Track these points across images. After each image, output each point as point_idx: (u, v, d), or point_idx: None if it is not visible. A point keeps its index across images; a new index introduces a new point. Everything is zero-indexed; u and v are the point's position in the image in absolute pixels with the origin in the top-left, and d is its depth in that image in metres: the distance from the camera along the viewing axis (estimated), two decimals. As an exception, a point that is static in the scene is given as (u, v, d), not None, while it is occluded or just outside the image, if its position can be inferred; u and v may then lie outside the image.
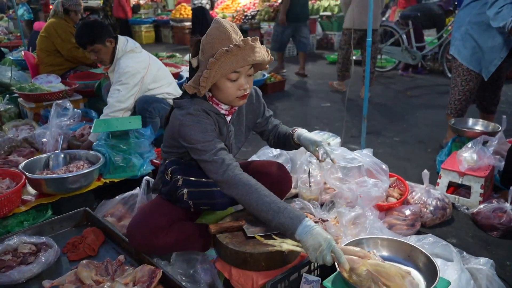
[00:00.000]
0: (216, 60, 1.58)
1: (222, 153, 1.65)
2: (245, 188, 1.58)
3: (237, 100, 1.73)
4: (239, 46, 1.56)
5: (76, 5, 4.33)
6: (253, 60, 1.61)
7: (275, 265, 1.71)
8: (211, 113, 1.76)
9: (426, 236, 1.89)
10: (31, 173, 2.47)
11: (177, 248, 1.86)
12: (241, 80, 1.67)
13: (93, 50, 3.02)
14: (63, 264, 1.82)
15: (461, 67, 3.12)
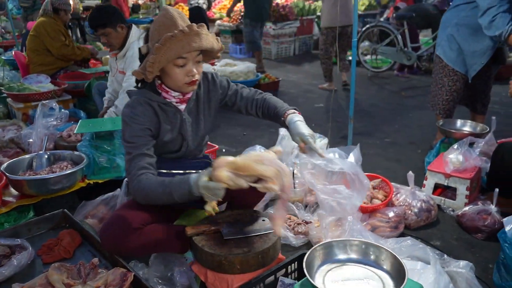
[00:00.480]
0: (161, 45, 1.59)
1: (136, 159, 1.68)
2: (144, 193, 1.65)
3: (186, 86, 1.74)
4: (184, 32, 1.59)
5: (65, 5, 4.31)
6: (198, 46, 1.62)
7: (251, 268, 1.69)
8: (154, 104, 1.77)
9: (405, 239, 1.88)
10: (14, 174, 2.46)
11: (153, 250, 1.84)
12: (189, 66, 1.68)
13: (104, 33, 3.07)
14: (37, 267, 1.80)
15: (447, 68, 3.11)
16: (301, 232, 2.27)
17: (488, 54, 2.92)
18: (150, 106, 1.76)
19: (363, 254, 1.47)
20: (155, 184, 1.63)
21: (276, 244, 1.77)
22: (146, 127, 1.73)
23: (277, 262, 1.78)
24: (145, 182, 1.64)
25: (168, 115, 1.81)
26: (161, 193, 1.61)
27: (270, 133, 4.13)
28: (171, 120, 1.82)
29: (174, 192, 1.59)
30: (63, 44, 4.26)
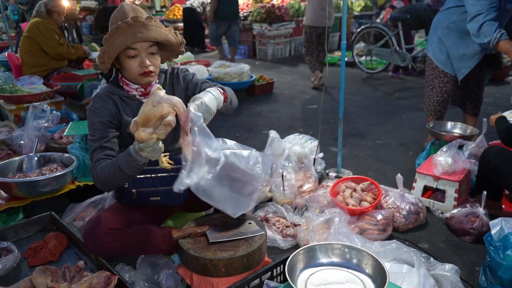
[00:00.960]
0: (109, 36, 1.63)
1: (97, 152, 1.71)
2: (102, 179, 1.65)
3: (141, 78, 1.75)
4: (128, 23, 1.62)
5: (58, 7, 4.30)
6: (145, 37, 1.64)
7: (236, 271, 1.70)
8: (115, 97, 1.80)
9: (390, 242, 1.88)
10: (4, 176, 2.46)
11: (139, 251, 1.85)
12: (142, 58, 1.69)
13: None
14: (23, 270, 1.80)
15: (438, 69, 3.12)
16: (289, 234, 2.27)
17: (476, 58, 2.94)
18: (111, 99, 1.79)
19: (346, 258, 1.48)
20: (106, 167, 1.64)
21: (261, 247, 1.77)
22: (106, 119, 1.75)
23: (263, 265, 1.78)
24: (99, 169, 1.65)
25: (131, 108, 1.82)
26: (114, 173, 1.61)
27: (262, 135, 4.13)
28: (135, 114, 1.77)
29: (123, 166, 1.58)
30: (57, 43, 4.24)
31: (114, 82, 1.85)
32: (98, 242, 1.71)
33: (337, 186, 2.58)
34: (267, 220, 2.39)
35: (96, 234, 1.70)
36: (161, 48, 1.80)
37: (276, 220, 2.38)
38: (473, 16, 2.72)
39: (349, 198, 2.45)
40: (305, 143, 3.13)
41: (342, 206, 2.35)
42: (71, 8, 8.66)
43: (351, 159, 3.48)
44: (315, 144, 3.12)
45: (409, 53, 6.27)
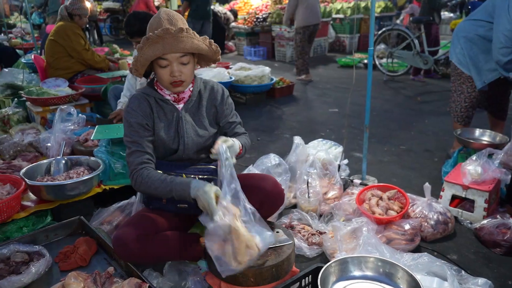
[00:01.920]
0: (142, 45, 1.69)
1: (135, 155, 1.78)
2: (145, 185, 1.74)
3: (171, 87, 1.80)
4: (158, 35, 1.66)
5: (79, 9, 4.32)
6: (175, 49, 1.68)
7: (265, 281, 1.69)
8: (151, 98, 1.86)
9: (422, 255, 1.84)
10: (32, 179, 2.50)
11: (166, 257, 1.86)
12: (172, 67, 1.74)
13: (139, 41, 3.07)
14: (54, 274, 1.83)
15: (464, 75, 3.06)
16: (315, 242, 2.25)
17: (497, 73, 2.90)
18: (146, 100, 1.85)
19: (379, 272, 1.46)
20: (156, 180, 1.72)
21: (290, 257, 1.76)
22: (142, 121, 1.81)
23: (291, 275, 1.78)
24: (145, 177, 1.73)
25: (165, 111, 1.88)
26: (161, 189, 1.70)
27: (284, 139, 4.12)
28: (167, 117, 1.89)
29: (175, 190, 1.69)
30: (83, 48, 4.31)
31: (151, 84, 1.90)
32: (127, 248, 1.72)
33: (362, 194, 2.55)
34: (292, 228, 2.37)
35: (125, 240, 1.72)
36: (197, 56, 1.84)
37: (301, 228, 2.37)
38: (500, 47, 2.73)
39: (375, 207, 2.42)
40: (329, 149, 3.10)
41: (368, 214, 2.32)
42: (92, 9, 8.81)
43: (374, 165, 3.43)
44: (339, 150, 3.09)
45: (432, 56, 6.17)
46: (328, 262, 1.62)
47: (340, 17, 9.26)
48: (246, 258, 1.57)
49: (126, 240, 1.71)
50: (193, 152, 1.95)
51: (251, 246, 1.58)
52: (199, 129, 1.93)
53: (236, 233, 1.55)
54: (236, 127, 2.04)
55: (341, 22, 9.34)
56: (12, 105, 4.05)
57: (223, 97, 2.00)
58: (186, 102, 1.91)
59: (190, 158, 1.96)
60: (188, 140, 1.90)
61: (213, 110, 1.99)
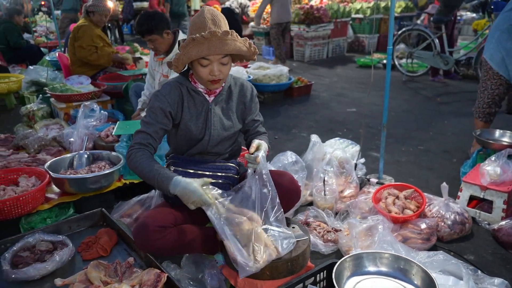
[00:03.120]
0: (185, 45, 1.73)
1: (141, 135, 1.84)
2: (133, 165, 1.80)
3: (209, 84, 1.86)
4: (205, 37, 1.70)
5: (97, 7, 4.40)
6: (220, 51, 1.73)
7: (280, 275, 1.72)
8: (184, 88, 1.92)
9: (437, 253, 1.84)
10: (56, 172, 2.58)
11: (184, 250, 1.90)
12: (212, 67, 1.79)
13: (150, 39, 3.18)
14: (77, 263, 1.90)
15: (492, 71, 3.04)
16: (330, 239, 2.27)
17: None
18: (178, 89, 1.91)
19: (393, 268, 1.47)
20: (145, 164, 1.77)
21: (305, 252, 1.79)
22: (166, 108, 1.86)
23: (306, 270, 1.80)
24: (139, 157, 1.79)
25: (195, 102, 1.94)
26: (147, 173, 1.75)
27: (301, 137, 4.14)
28: (197, 107, 1.94)
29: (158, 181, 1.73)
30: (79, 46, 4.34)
31: (185, 74, 1.97)
32: (146, 239, 1.77)
33: (379, 193, 2.55)
34: (308, 224, 2.39)
35: (145, 232, 1.77)
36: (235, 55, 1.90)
37: (317, 225, 2.39)
38: None
39: (391, 206, 2.42)
40: (346, 147, 3.11)
41: (384, 213, 2.33)
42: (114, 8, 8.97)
43: (391, 164, 3.42)
44: (356, 149, 3.09)
45: (452, 57, 6.08)
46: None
47: (360, 17, 9.20)
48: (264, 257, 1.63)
49: (146, 232, 1.76)
50: (216, 144, 2.00)
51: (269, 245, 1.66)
52: (227, 122, 2.00)
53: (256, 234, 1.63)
54: (258, 126, 2.10)
55: (361, 22, 9.28)
56: (37, 101, 4.18)
57: (252, 95, 2.07)
58: (217, 95, 1.98)
59: (212, 152, 2.01)
60: (214, 132, 1.96)
61: (241, 106, 2.05)
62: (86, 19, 4.44)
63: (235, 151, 2.15)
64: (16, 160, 2.88)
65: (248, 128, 2.09)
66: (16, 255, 1.85)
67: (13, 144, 3.29)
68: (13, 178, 2.57)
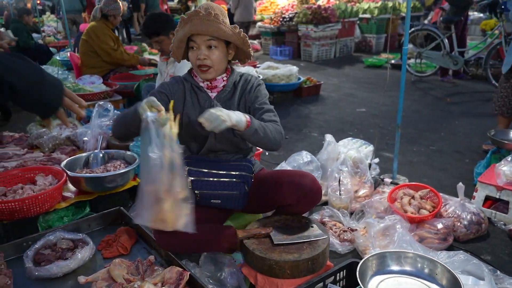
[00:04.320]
0: (178, 27, 1.84)
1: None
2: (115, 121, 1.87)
3: (199, 71, 1.89)
4: (188, 16, 1.77)
5: (114, 10, 4.45)
6: (201, 30, 1.77)
7: (300, 274, 1.73)
8: (187, 84, 1.97)
9: (457, 253, 1.84)
10: (72, 171, 2.60)
11: (203, 248, 1.91)
12: (199, 50, 1.83)
13: (157, 41, 3.22)
14: (97, 261, 1.91)
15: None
16: (347, 239, 2.28)
17: None
18: (182, 83, 1.97)
19: (417, 267, 1.47)
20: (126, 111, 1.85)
21: (325, 251, 1.79)
22: (164, 94, 1.90)
23: (326, 269, 1.80)
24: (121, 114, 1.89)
25: (198, 98, 1.96)
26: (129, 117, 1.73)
27: (312, 137, 4.14)
28: (200, 104, 1.96)
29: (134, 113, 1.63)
30: (111, 48, 4.43)
31: (190, 72, 2.03)
32: (167, 237, 1.78)
33: (394, 193, 2.55)
34: (324, 224, 2.40)
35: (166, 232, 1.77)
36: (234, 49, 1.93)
37: (333, 224, 2.39)
38: None
39: (407, 206, 2.42)
40: (360, 147, 3.11)
41: (400, 213, 2.33)
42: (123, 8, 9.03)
43: (404, 165, 3.42)
44: (370, 149, 3.10)
45: (462, 57, 6.07)
46: (360, 258, 1.65)
47: (367, 17, 9.19)
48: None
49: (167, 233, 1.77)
50: (224, 141, 1.98)
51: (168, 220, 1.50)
52: None
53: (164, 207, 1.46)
54: (264, 114, 1.90)
55: (368, 22, 9.27)
56: (49, 101, 4.20)
57: (253, 86, 2.00)
58: (220, 91, 1.97)
59: (222, 150, 2.01)
60: None
61: (243, 99, 1.99)
62: (100, 20, 4.48)
63: (248, 149, 2.13)
64: (32, 159, 2.90)
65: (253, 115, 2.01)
66: (38, 253, 1.87)
67: (27, 143, 3.31)
68: (30, 176, 2.58)
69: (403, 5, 10.16)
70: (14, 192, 2.35)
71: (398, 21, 9.54)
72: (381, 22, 9.20)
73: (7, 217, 2.20)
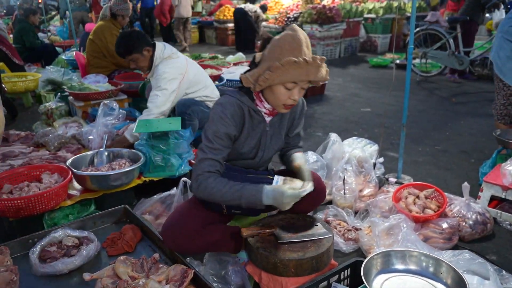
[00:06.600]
0: (281, 66, 1.61)
1: (209, 163, 1.75)
2: (209, 191, 1.72)
3: (282, 107, 1.77)
4: (307, 62, 1.61)
5: (123, 10, 4.49)
6: (314, 77, 1.66)
7: (305, 272, 1.73)
8: (245, 108, 1.80)
9: (462, 252, 1.84)
10: (77, 169, 2.61)
11: (210, 249, 1.92)
12: (295, 91, 1.71)
13: (131, 59, 3.20)
14: (102, 258, 1.92)
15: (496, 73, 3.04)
16: (351, 238, 2.27)
17: None
18: (241, 109, 1.79)
19: (421, 266, 1.47)
20: (225, 188, 1.69)
21: (329, 249, 1.79)
22: (232, 133, 1.76)
23: (330, 268, 1.80)
24: (213, 182, 1.70)
25: (253, 122, 1.84)
26: (229, 195, 1.68)
27: (316, 137, 4.14)
28: (254, 128, 1.85)
29: (244, 198, 1.68)
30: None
31: (247, 92, 1.83)
32: (179, 241, 1.80)
33: (399, 192, 2.54)
34: (328, 223, 2.39)
35: (174, 236, 1.79)
36: None
37: (337, 223, 2.39)
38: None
39: (412, 205, 2.41)
40: (365, 147, 3.10)
41: (405, 212, 2.32)
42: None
43: (409, 164, 3.41)
44: (374, 148, 3.09)
45: (467, 56, 6.03)
46: (365, 258, 1.65)
47: (372, 17, 9.17)
48: None
49: (175, 236, 1.79)
50: (265, 162, 1.99)
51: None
52: (277, 142, 1.95)
53: None
54: (299, 141, 2.09)
55: (373, 22, 9.24)
56: (55, 100, 4.23)
57: (302, 111, 2.01)
58: (274, 115, 1.90)
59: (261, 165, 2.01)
60: (265, 154, 1.92)
61: (289, 123, 2.00)
62: (109, 20, 4.50)
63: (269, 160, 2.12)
64: (38, 157, 2.92)
65: (289, 142, 2.06)
66: (43, 250, 1.88)
67: (33, 141, 3.33)
68: (36, 174, 2.60)
69: (408, 5, 10.13)
70: (20, 190, 2.37)
71: (403, 21, 9.51)
72: (386, 22, 9.17)
73: (13, 215, 2.22)
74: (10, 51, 5.76)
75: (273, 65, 1.63)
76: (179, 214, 1.84)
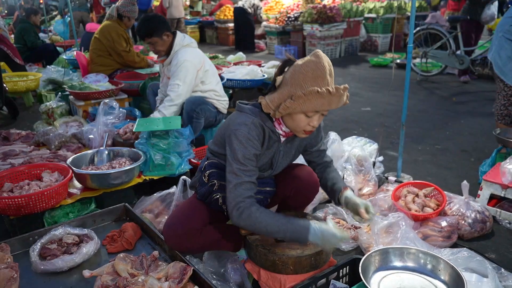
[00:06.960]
0: (304, 95, 1.59)
1: (246, 186, 1.68)
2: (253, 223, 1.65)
3: (302, 133, 1.75)
4: (331, 93, 1.58)
5: (130, 12, 4.51)
6: (336, 106, 1.65)
7: (303, 270, 1.73)
8: (267, 129, 1.77)
9: (461, 250, 1.84)
10: (77, 167, 2.63)
11: (210, 248, 1.93)
12: (315, 117, 1.69)
13: (151, 42, 3.23)
14: (102, 256, 1.93)
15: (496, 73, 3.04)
16: (350, 236, 2.28)
17: None
18: (263, 130, 1.76)
19: (420, 263, 1.47)
20: (270, 219, 1.65)
21: (328, 247, 1.80)
22: (258, 152, 1.74)
23: (329, 265, 1.81)
24: (256, 211, 1.65)
25: (270, 142, 1.82)
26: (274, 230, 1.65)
27: (316, 136, 4.14)
28: (269, 147, 1.83)
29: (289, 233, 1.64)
30: (123, 50, 4.47)
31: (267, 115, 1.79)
32: (180, 240, 1.80)
33: (398, 191, 2.55)
34: (327, 221, 2.40)
35: (175, 235, 1.80)
36: None
37: (337, 222, 2.39)
38: None
39: (411, 203, 2.42)
40: (364, 145, 3.11)
41: (405, 211, 2.33)
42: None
43: (409, 163, 3.41)
44: (374, 147, 3.09)
45: (468, 56, 6.03)
46: (364, 255, 1.65)
47: (373, 16, 9.17)
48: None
49: (176, 235, 1.79)
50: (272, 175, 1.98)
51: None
52: (287, 159, 1.94)
53: None
54: (325, 156, 2.05)
55: (373, 21, 9.24)
56: (56, 99, 4.24)
57: (318, 129, 1.98)
58: (289, 136, 1.89)
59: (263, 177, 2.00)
60: (274, 171, 1.92)
61: (305, 142, 1.97)
62: (115, 21, 4.52)
63: None
64: (38, 156, 2.93)
65: (313, 159, 2.04)
66: (43, 247, 1.89)
67: (34, 140, 3.35)
68: (36, 173, 2.61)
69: (409, 4, 10.12)
70: (21, 188, 2.38)
71: (404, 20, 9.51)
72: (386, 22, 9.17)
73: (14, 213, 2.23)
74: (12, 51, 5.78)
75: (296, 93, 1.60)
76: (180, 213, 1.85)
